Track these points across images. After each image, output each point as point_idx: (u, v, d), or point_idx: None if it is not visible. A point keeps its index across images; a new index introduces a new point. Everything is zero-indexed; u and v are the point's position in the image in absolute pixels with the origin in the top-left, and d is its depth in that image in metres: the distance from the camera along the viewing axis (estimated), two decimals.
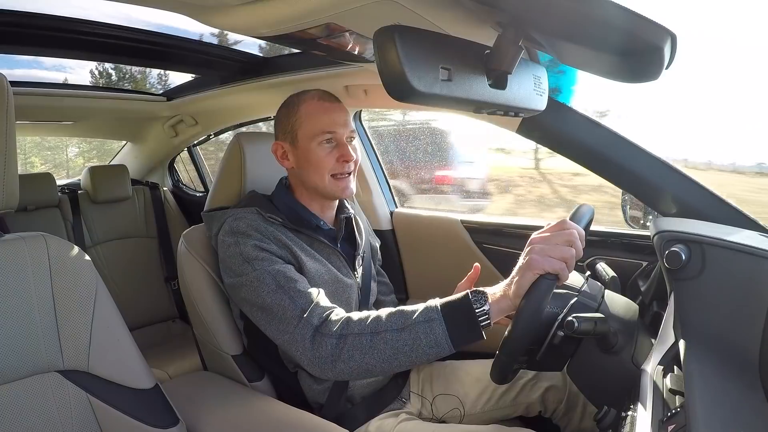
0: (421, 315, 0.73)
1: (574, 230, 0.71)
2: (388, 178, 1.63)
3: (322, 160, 0.93)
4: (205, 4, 0.72)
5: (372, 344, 0.73)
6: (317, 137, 0.93)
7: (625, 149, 0.91)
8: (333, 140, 0.94)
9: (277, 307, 0.81)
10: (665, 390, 0.58)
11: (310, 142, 0.93)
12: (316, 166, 0.94)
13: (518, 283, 0.70)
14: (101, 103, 1.75)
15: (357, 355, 0.73)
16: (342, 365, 0.74)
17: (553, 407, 1.04)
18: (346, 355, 0.74)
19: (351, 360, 0.74)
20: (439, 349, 0.71)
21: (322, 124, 0.93)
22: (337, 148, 0.94)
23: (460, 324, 0.71)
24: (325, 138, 0.93)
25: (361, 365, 0.74)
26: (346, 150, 0.94)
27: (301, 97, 0.96)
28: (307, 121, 0.94)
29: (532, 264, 0.69)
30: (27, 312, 0.66)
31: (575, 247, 0.70)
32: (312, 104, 0.94)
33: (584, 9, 0.50)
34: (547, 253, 0.69)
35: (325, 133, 0.93)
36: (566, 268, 0.69)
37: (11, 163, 0.66)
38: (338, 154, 0.94)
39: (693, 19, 0.52)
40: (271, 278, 0.83)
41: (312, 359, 0.76)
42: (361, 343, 0.73)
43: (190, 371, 1.47)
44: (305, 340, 0.76)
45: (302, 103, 0.95)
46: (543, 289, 0.68)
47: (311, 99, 0.95)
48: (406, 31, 0.54)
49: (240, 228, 0.89)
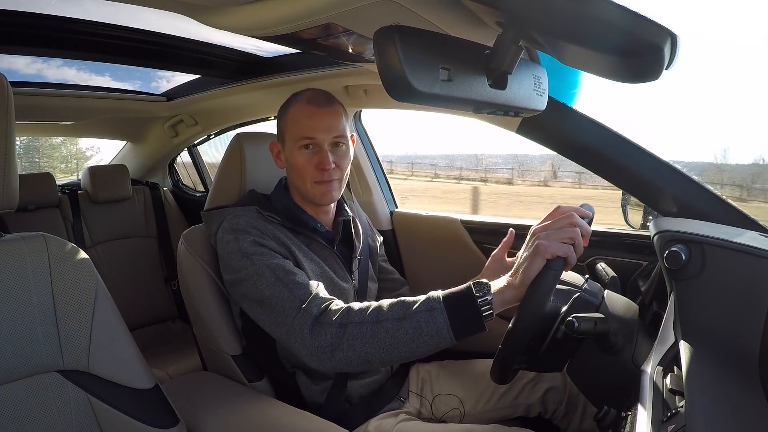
0: (422, 305, 0.72)
1: (574, 212, 0.72)
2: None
3: (302, 166, 0.93)
4: (205, 4, 0.72)
5: (373, 333, 0.72)
6: (298, 142, 0.92)
7: (625, 149, 0.90)
8: (313, 146, 0.93)
9: (275, 300, 0.80)
10: (665, 390, 0.58)
11: (293, 147, 0.93)
12: (297, 171, 0.94)
13: (526, 271, 0.70)
14: (101, 103, 1.75)
15: (357, 344, 0.72)
16: (341, 354, 0.73)
17: (553, 408, 1.04)
18: (346, 345, 0.73)
19: (351, 349, 0.73)
20: (441, 339, 0.70)
21: (302, 130, 0.92)
22: (317, 155, 0.92)
23: (462, 314, 0.70)
24: (304, 144, 0.92)
25: (361, 355, 0.73)
26: (324, 157, 0.92)
27: (293, 99, 0.96)
28: (291, 125, 0.94)
29: (540, 249, 0.69)
30: (27, 312, 0.66)
31: (580, 227, 0.71)
32: (298, 108, 0.94)
33: (584, 9, 0.50)
34: (553, 237, 0.69)
35: (304, 138, 0.92)
36: (573, 250, 0.70)
37: (11, 163, 0.66)
38: (317, 161, 0.92)
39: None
40: (269, 271, 0.83)
41: (311, 349, 0.75)
42: (361, 332, 0.72)
43: (190, 371, 1.47)
44: (304, 329, 0.76)
45: (291, 105, 0.95)
46: (548, 279, 0.68)
47: (300, 102, 0.94)
48: (406, 31, 0.54)
49: (239, 225, 0.89)
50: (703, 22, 61.29)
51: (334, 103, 0.96)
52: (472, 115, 1.15)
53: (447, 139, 17.16)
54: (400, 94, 0.54)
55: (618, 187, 0.95)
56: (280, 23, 0.71)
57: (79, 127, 2.06)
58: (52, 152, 17.48)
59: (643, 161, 0.89)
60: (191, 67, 1.52)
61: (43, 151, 18.03)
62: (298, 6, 0.66)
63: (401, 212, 1.56)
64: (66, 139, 17.18)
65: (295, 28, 0.72)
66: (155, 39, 1.23)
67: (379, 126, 5.56)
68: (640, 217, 1.02)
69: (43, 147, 17.83)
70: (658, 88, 10.23)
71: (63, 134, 2.26)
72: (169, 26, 1.20)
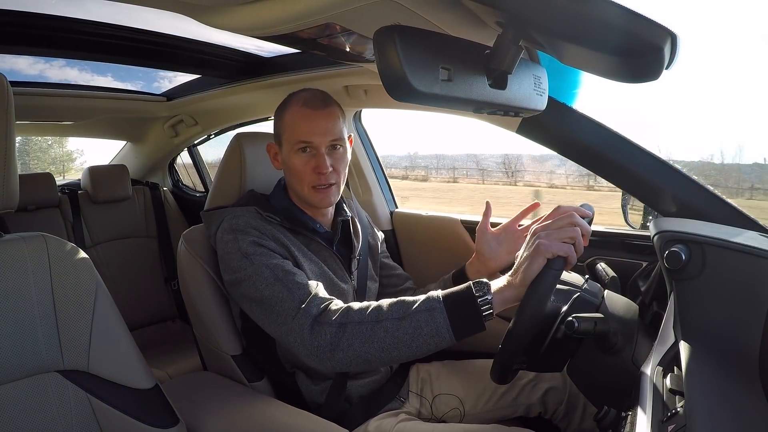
0: (422, 304, 0.72)
1: (574, 212, 0.72)
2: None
3: (299, 169, 0.92)
4: (205, 4, 0.72)
5: (372, 333, 0.72)
6: (294, 145, 0.92)
7: (625, 149, 0.90)
8: (310, 149, 0.92)
9: (275, 300, 0.80)
10: (665, 390, 0.58)
11: (290, 150, 0.93)
12: (295, 174, 0.94)
13: (526, 270, 0.70)
14: (101, 103, 1.75)
15: (357, 343, 0.73)
16: (341, 354, 0.73)
17: (553, 408, 1.04)
18: (345, 344, 0.73)
19: (350, 349, 0.73)
20: (440, 338, 0.71)
21: (299, 133, 0.91)
22: (315, 158, 0.92)
23: (462, 313, 0.70)
24: (301, 147, 0.92)
25: (361, 355, 0.73)
26: (322, 161, 0.91)
27: (289, 100, 0.95)
28: (288, 128, 0.93)
29: (540, 249, 0.69)
30: (27, 312, 0.66)
31: (581, 226, 0.71)
32: (294, 110, 0.93)
33: (584, 9, 0.50)
34: (553, 237, 0.70)
35: (300, 142, 0.91)
36: (574, 249, 0.70)
37: (11, 163, 0.66)
38: (314, 165, 0.92)
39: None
40: (269, 271, 0.83)
41: (310, 349, 0.75)
42: (361, 331, 0.73)
43: (190, 371, 1.47)
44: (303, 329, 0.76)
45: (287, 107, 0.94)
46: (549, 279, 0.68)
47: (296, 104, 0.93)
48: (406, 31, 0.54)
49: (238, 225, 0.89)
50: (702, 22, 60.98)
51: (331, 104, 0.95)
52: (471, 115, 1.15)
53: (383, 140, 18.01)
54: (400, 94, 0.54)
55: (618, 187, 0.95)
56: (280, 23, 0.71)
57: (79, 127, 2.06)
58: (42, 155, 17.87)
59: (643, 161, 0.89)
60: (191, 67, 1.52)
61: (33, 153, 18.43)
62: (298, 6, 0.66)
63: (401, 212, 1.56)
64: (54, 141, 17.96)
65: (295, 28, 0.72)
66: (155, 39, 1.23)
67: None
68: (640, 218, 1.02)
69: (33, 150, 18.32)
70: (659, 88, 10.15)
71: (63, 134, 2.27)
72: (170, 26, 1.20)
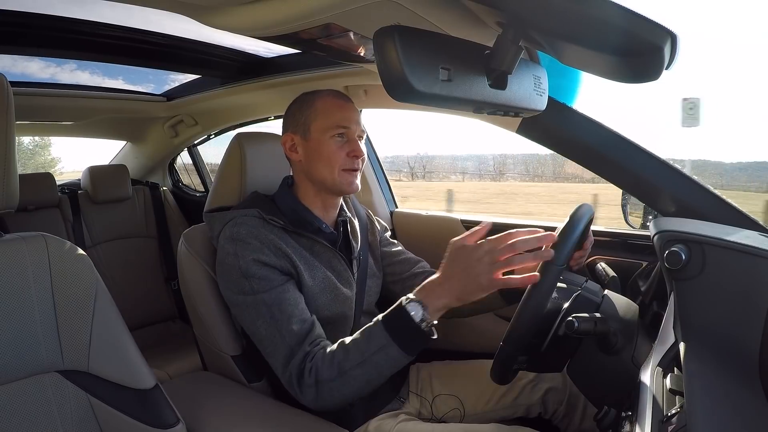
0: (373, 344, 0.78)
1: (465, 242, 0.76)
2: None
3: (334, 153, 0.95)
4: (205, 4, 0.72)
5: (343, 383, 0.79)
6: (330, 131, 0.95)
7: (625, 149, 0.90)
8: (345, 136, 0.96)
9: (267, 342, 0.86)
10: (665, 390, 0.58)
11: (323, 135, 0.95)
12: (327, 159, 0.95)
13: (463, 288, 0.73)
14: (101, 103, 1.75)
15: (336, 393, 0.80)
16: (325, 402, 0.81)
17: (553, 409, 1.04)
18: (326, 396, 0.80)
19: (331, 398, 0.81)
20: (401, 362, 0.79)
21: (337, 119, 0.95)
22: (348, 144, 0.96)
23: (409, 338, 0.76)
24: (338, 132, 0.95)
25: (342, 398, 0.81)
26: (357, 146, 0.96)
27: (316, 94, 0.99)
28: (322, 115, 0.96)
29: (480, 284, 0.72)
30: (27, 312, 0.66)
31: (521, 244, 0.72)
32: (327, 100, 0.97)
33: (584, 9, 0.50)
34: (485, 266, 0.72)
35: (339, 127, 0.95)
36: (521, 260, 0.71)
37: (11, 163, 0.66)
38: (349, 149, 0.95)
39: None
40: (266, 309, 0.86)
41: (301, 398, 0.83)
42: (335, 385, 0.80)
43: (190, 371, 1.47)
44: (292, 386, 0.83)
45: (318, 98, 0.98)
46: (550, 278, 0.68)
47: (327, 96, 0.98)
48: (406, 31, 0.54)
49: (240, 235, 0.89)
50: (702, 21, 59.97)
51: (352, 101, 1.01)
52: (471, 115, 1.15)
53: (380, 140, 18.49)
54: (400, 94, 0.54)
55: (618, 186, 0.95)
56: (280, 23, 0.71)
57: (79, 127, 2.06)
58: (27, 161, 18.57)
59: (643, 161, 0.89)
60: (191, 67, 1.52)
61: (20, 159, 18.86)
62: (298, 6, 0.66)
63: (401, 212, 1.57)
64: (39, 147, 18.44)
65: (295, 28, 0.72)
66: (155, 39, 1.23)
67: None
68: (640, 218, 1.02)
69: (21, 157, 18.81)
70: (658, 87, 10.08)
71: (63, 134, 2.25)
72: (170, 26, 1.20)
